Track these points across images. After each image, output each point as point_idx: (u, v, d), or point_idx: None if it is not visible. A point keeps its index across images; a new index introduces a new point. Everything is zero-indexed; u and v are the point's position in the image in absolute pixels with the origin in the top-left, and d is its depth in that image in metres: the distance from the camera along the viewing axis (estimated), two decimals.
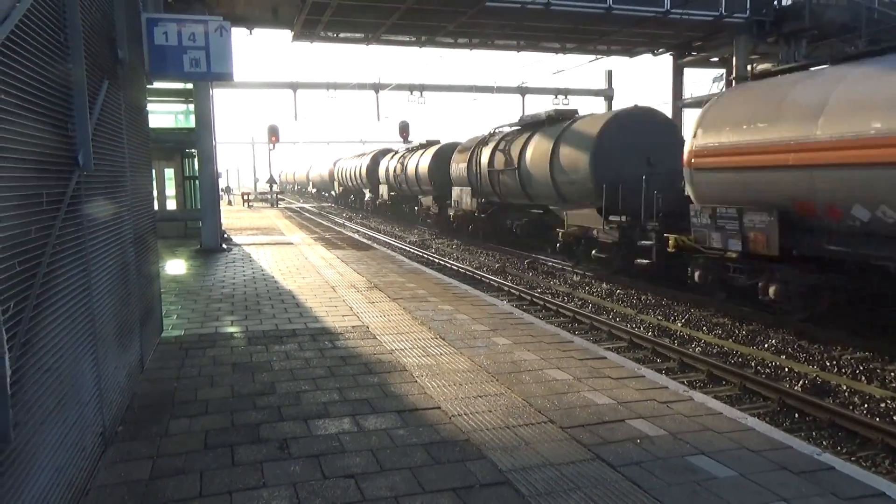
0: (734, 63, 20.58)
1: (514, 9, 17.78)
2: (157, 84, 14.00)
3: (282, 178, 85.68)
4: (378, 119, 32.30)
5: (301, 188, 77.24)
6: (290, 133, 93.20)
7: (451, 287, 10.28)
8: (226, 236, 17.22)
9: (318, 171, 60.00)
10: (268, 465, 3.83)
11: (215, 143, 15.99)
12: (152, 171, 7.50)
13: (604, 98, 33.12)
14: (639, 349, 9.36)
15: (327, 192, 57.45)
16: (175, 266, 12.85)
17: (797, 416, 6.87)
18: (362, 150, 50.14)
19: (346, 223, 33.23)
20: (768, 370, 8.31)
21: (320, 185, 60.10)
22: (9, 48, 2.64)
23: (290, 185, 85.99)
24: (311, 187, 67.02)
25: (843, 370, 8.15)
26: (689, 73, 25.15)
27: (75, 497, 3.32)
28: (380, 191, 35.64)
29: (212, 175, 15.83)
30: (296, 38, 20.93)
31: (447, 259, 18.65)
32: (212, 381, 5.45)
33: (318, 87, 30.72)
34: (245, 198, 46.21)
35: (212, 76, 8.02)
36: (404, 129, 34.71)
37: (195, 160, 17.59)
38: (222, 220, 17.02)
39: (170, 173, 19.28)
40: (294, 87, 30.15)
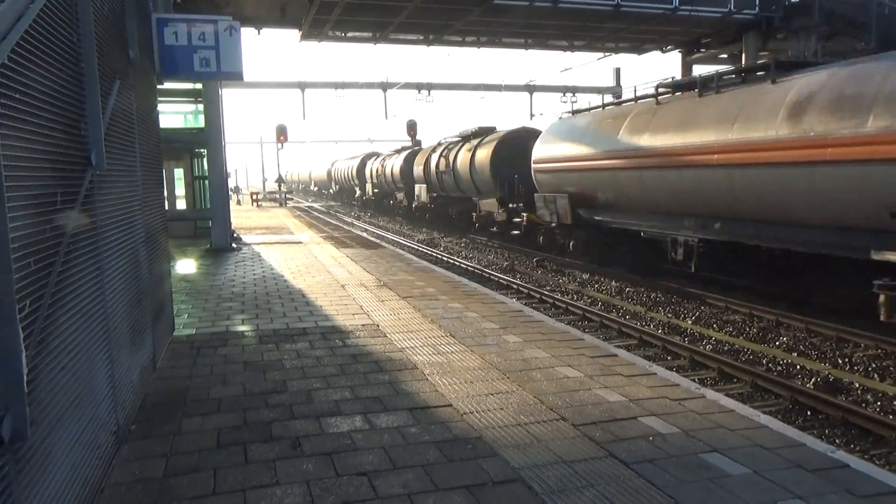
0: (743, 59, 20.47)
1: (522, 7, 17.72)
2: (166, 84, 14.04)
3: (288, 178, 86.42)
4: (386, 118, 32.41)
5: (305, 187, 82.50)
6: (299, 133, 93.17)
7: (461, 285, 10.27)
8: (235, 235, 17.28)
9: (319, 171, 66.56)
10: (280, 462, 3.84)
11: (224, 142, 16.04)
12: (163, 171, 7.53)
13: (612, 95, 32.93)
14: (649, 347, 9.33)
15: (326, 190, 63.30)
16: (185, 265, 12.91)
17: (809, 413, 6.83)
18: (371, 150, 51.77)
19: (355, 222, 33.29)
20: (780, 368, 8.27)
21: (320, 184, 66.97)
22: (23, 48, 2.66)
23: (296, 184, 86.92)
24: (312, 186, 73.85)
25: (855, 368, 8.10)
26: (698, 70, 25.01)
27: (91, 495, 3.34)
28: (366, 188, 41.55)
29: (221, 174, 15.89)
30: (304, 38, 20.94)
31: (455, 257, 18.66)
32: (224, 380, 5.47)
33: (326, 86, 30.79)
34: (254, 197, 46.36)
35: (222, 76, 8.04)
36: (412, 128, 34.82)
37: (205, 160, 17.66)
38: (232, 220, 17.08)
39: (179, 173, 19.36)
40: (302, 86, 30.21)
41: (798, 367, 8.22)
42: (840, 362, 8.33)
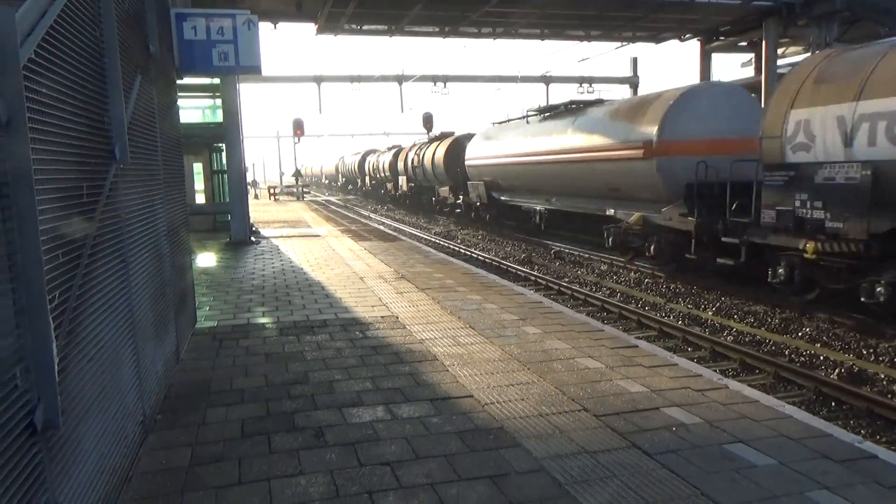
0: (763, 47, 20.18)
1: None
2: (184, 79, 14.13)
3: (303, 172, 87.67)
4: (402, 111, 32.34)
5: (317, 180, 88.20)
6: (315, 126, 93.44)
7: (479, 277, 10.26)
8: (254, 229, 17.39)
9: (328, 166, 76.27)
10: (304, 452, 3.88)
11: (242, 137, 16.13)
12: (184, 165, 7.58)
13: (629, 85, 32.56)
14: (669, 338, 9.26)
15: (335, 182, 71.59)
16: (206, 259, 13.02)
17: (833, 404, 6.76)
18: (388, 143, 52.77)
19: (372, 215, 33.40)
20: (803, 359, 8.17)
21: (330, 178, 75.71)
22: (49, 42, 2.68)
23: (310, 178, 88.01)
24: (324, 179, 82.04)
25: (880, 358, 7.99)
26: (717, 59, 24.69)
27: (119, 483, 3.39)
28: (365, 180, 49.46)
29: (240, 169, 15.98)
30: (320, 32, 20.98)
31: (472, 249, 18.65)
32: (246, 371, 5.52)
33: (342, 80, 30.78)
34: (271, 191, 46.61)
35: (240, 69, 8.07)
36: (428, 121, 34.79)
37: (223, 154, 17.78)
38: (250, 214, 17.19)
39: (198, 168, 19.48)
40: (318, 80, 30.23)
41: (821, 358, 8.12)
42: (864, 353, 8.22)
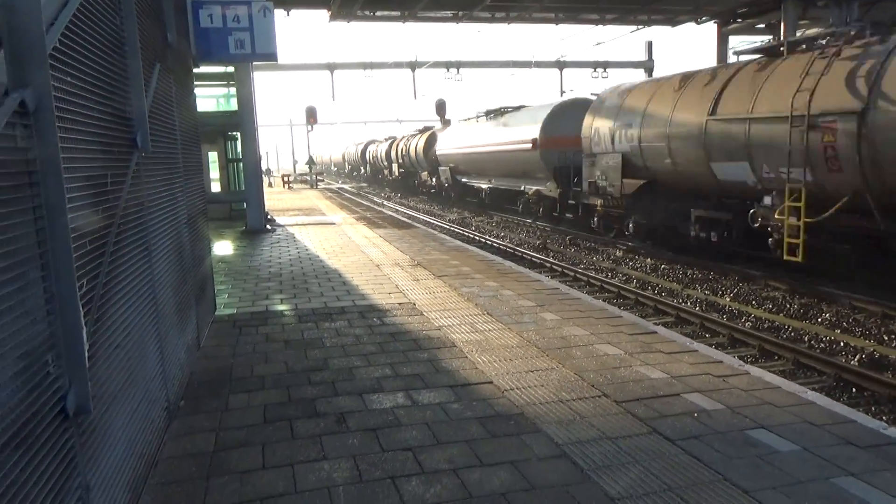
0: (782, 29, 19.84)
1: None
2: (200, 67, 14.13)
3: (316, 160, 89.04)
4: (415, 97, 32.20)
5: (327, 168, 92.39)
6: (328, 114, 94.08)
7: (495, 264, 10.26)
8: (269, 217, 17.46)
9: (337, 155, 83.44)
10: (326, 438, 3.91)
11: (257, 125, 16.15)
12: (201, 153, 7.61)
13: (644, 70, 32.21)
14: (686, 324, 9.22)
15: (342, 169, 78.01)
16: (223, 247, 13.11)
17: (854, 391, 6.70)
18: (402, 131, 54.04)
19: (385, 202, 33.43)
20: (822, 345, 8.11)
21: (338, 165, 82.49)
22: (71, 31, 2.69)
23: (321, 166, 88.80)
24: (332, 167, 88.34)
25: None
26: (734, 41, 24.31)
27: (146, 468, 3.44)
28: (367, 167, 56.27)
29: (255, 157, 16.02)
30: (333, 18, 20.90)
31: (487, 236, 18.62)
32: (266, 358, 5.57)
33: (355, 67, 30.69)
34: (285, 179, 46.74)
35: (256, 57, 8.06)
36: (441, 108, 34.73)
37: (238, 143, 17.81)
38: (265, 202, 17.26)
39: (213, 156, 19.54)
40: (331, 67, 30.16)
41: (841, 344, 8.05)
42: (885, 339, 8.14)
